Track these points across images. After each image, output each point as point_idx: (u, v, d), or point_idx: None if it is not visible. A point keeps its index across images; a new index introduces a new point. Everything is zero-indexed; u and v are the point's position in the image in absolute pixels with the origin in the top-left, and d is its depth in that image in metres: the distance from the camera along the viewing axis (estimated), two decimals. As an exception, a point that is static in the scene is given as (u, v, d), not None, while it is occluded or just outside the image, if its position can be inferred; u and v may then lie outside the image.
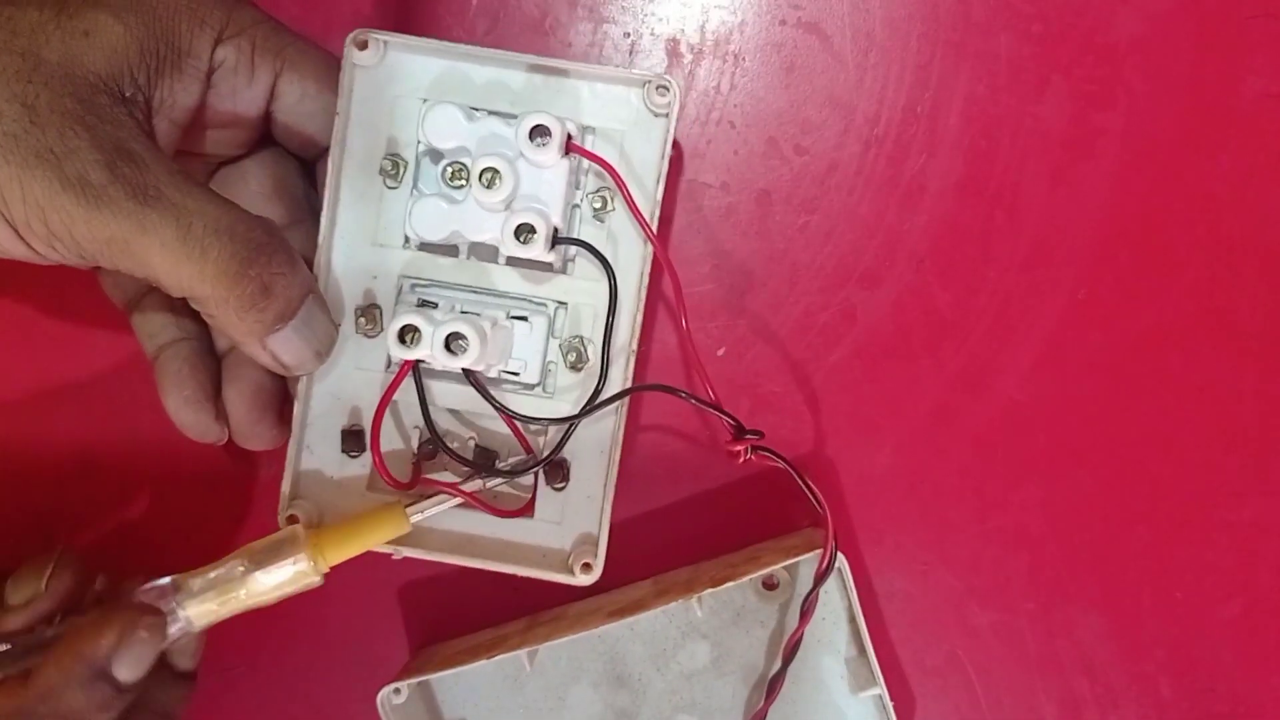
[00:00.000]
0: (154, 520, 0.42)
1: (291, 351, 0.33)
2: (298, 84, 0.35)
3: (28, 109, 0.29)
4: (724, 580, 0.37)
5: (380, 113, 0.36)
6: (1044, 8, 0.42)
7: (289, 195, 0.37)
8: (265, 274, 0.31)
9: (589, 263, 0.36)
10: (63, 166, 0.29)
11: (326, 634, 0.43)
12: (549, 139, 0.33)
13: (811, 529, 0.42)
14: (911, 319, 0.42)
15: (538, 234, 0.34)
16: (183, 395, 0.35)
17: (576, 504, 0.37)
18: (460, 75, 0.36)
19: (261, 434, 0.36)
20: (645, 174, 0.36)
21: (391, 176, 0.36)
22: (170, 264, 0.30)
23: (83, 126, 0.29)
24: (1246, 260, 0.42)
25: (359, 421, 0.36)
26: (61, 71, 0.29)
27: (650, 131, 0.36)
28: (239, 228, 0.31)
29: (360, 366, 0.36)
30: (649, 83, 0.35)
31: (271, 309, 0.32)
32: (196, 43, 0.32)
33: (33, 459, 0.42)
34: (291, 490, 0.36)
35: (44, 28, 0.30)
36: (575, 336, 0.36)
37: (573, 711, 0.41)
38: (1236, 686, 0.43)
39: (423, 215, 0.35)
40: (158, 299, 0.36)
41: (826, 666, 0.41)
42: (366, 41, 0.35)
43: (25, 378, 0.42)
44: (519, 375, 0.36)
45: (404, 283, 0.36)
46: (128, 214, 0.29)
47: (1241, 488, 0.42)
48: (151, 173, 0.30)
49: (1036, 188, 0.42)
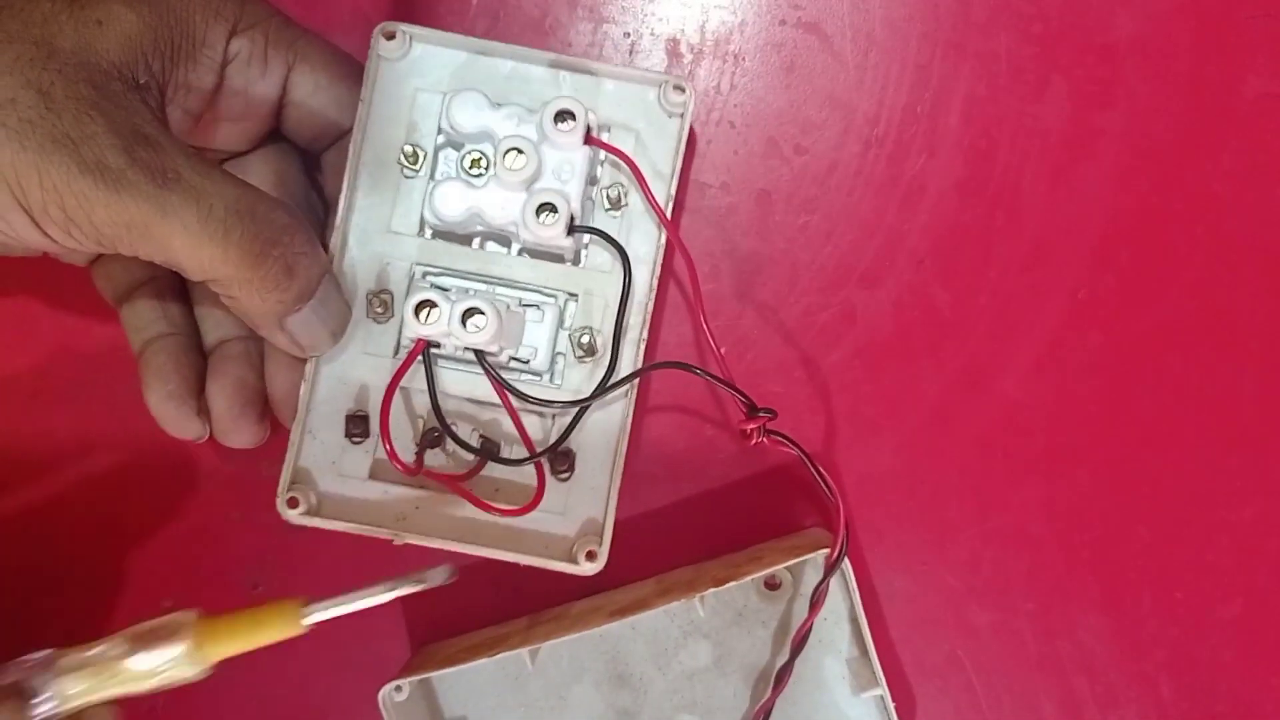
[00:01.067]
0: (153, 520, 0.42)
1: (308, 332, 0.34)
2: (310, 76, 0.35)
3: (43, 95, 0.29)
4: (727, 580, 0.37)
5: (401, 104, 0.36)
6: (1044, 8, 0.42)
7: (290, 191, 0.38)
8: (288, 254, 0.32)
9: (600, 256, 0.37)
10: (80, 151, 0.29)
11: (326, 633, 0.43)
12: (573, 123, 0.35)
13: (815, 529, 0.42)
14: (911, 319, 0.42)
15: (559, 214, 0.34)
16: (165, 390, 0.35)
17: (581, 494, 0.37)
18: (482, 70, 0.37)
19: (242, 431, 0.36)
20: (661, 167, 0.37)
21: (410, 165, 0.36)
22: (192, 246, 0.30)
23: (98, 112, 0.29)
24: (1246, 260, 0.42)
25: (364, 406, 0.37)
26: (76, 59, 0.29)
27: (665, 129, 0.37)
28: (260, 208, 0.31)
29: (368, 351, 0.37)
30: (665, 82, 0.36)
31: (294, 289, 0.32)
32: (211, 34, 0.33)
33: (33, 459, 0.42)
34: (293, 475, 0.36)
35: (57, 17, 0.30)
36: (585, 328, 0.37)
37: (574, 711, 0.41)
38: (1236, 686, 0.43)
39: (444, 196, 0.35)
40: (147, 293, 0.36)
41: (828, 667, 0.41)
42: (394, 33, 0.36)
43: (25, 378, 0.42)
44: (529, 363, 0.37)
45: (417, 270, 0.37)
46: (148, 197, 0.29)
47: (1241, 488, 0.42)
48: (169, 156, 0.30)
49: (1036, 188, 0.42)
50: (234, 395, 0.36)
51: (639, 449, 0.42)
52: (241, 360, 0.36)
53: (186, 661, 0.31)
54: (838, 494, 0.37)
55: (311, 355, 0.35)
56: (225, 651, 0.31)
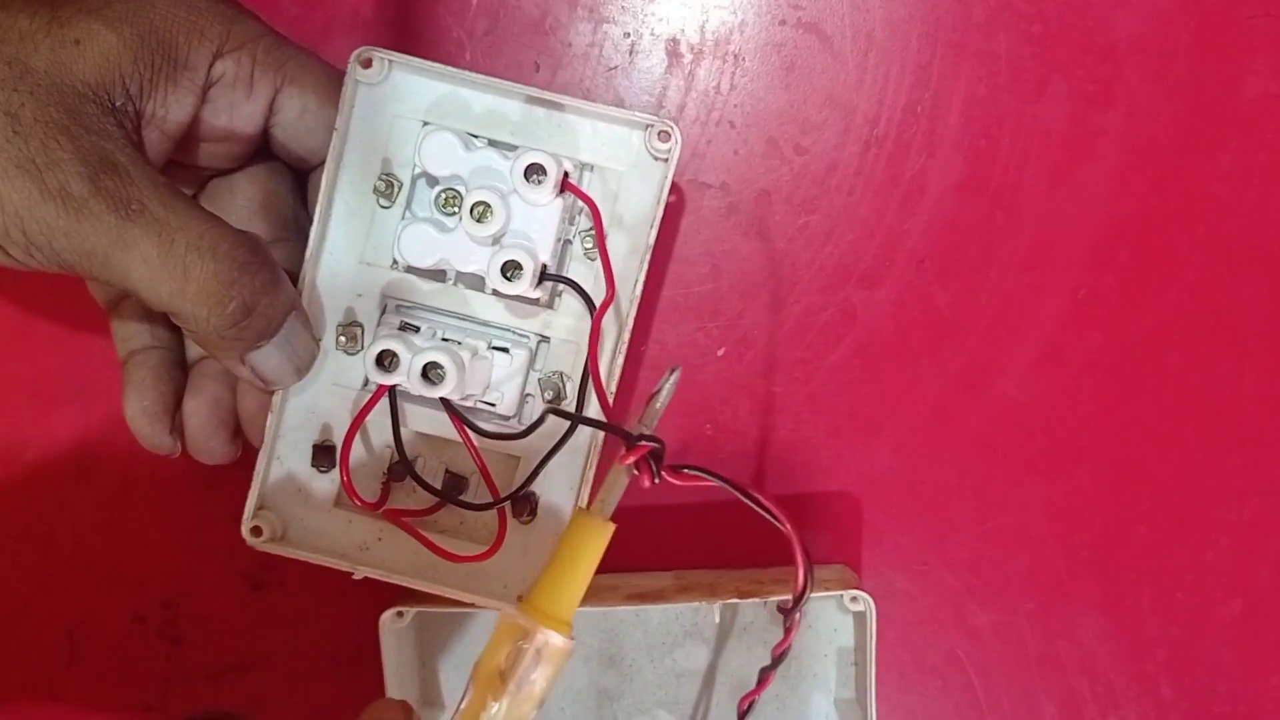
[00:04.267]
0: (154, 520, 0.42)
1: (271, 367, 0.33)
2: (298, 99, 0.34)
3: (11, 118, 0.28)
4: (750, 594, 0.37)
5: (379, 131, 0.35)
6: (1044, 8, 0.42)
7: (276, 212, 0.37)
8: (247, 294, 0.31)
9: (575, 299, 0.36)
10: (44, 177, 0.28)
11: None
12: (544, 178, 0.33)
13: (843, 566, 0.42)
14: (911, 319, 0.42)
15: (524, 271, 0.33)
16: (142, 405, 0.35)
17: (543, 537, 0.36)
18: (462, 100, 0.35)
19: (214, 449, 0.36)
20: (640, 219, 0.35)
21: (385, 196, 0.35)
22: (151, 280, 0.30)
23: (67, 137, 0.29)
24: (1246, 260, 0.42)
25: (331, 437, 0.36)
26: (49, 80, 0.29)
27: (649, 174, 0.35)
28: (223, 246, 0.30)
29: (337, 383, 0.36)
30: (651, 126, 0.35)
31: (252, 328, 0.32)
32: (194, 56, 0.32)
33: (33, 459, 0.42)
34: (258, 500, 0.35)
35: (33, 36, 0.29)
36: (555, 372, 0.36)
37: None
38: (1236, 686, 0.43)
39: (412, 240, 0.34)
40: (135, 305, 0.36)
41: (815, 704, 0.41)
42: (371, 59, 0.34)
43: (25, 378, 0.42)
44: (495, 406, 0.36)
45: (388, 303, 0.36)
46: (108, 228, 0.29)
47: (1241, 488, 0.42)
48: (136, 186, 0.29)
49: (1036, 188, 0.42)
50: (209, 415, 0.36)
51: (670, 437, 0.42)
52: (219, 379, 0.36)
53: (558, 640, 0.28)
54: (790, 527, 0.32)
55: (275, 389, 0.35)
56: (571, 600, 0.29)
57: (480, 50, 0.41)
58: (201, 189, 0.37)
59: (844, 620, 0.41)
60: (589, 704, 0.42)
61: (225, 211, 0.34)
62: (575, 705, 0.42)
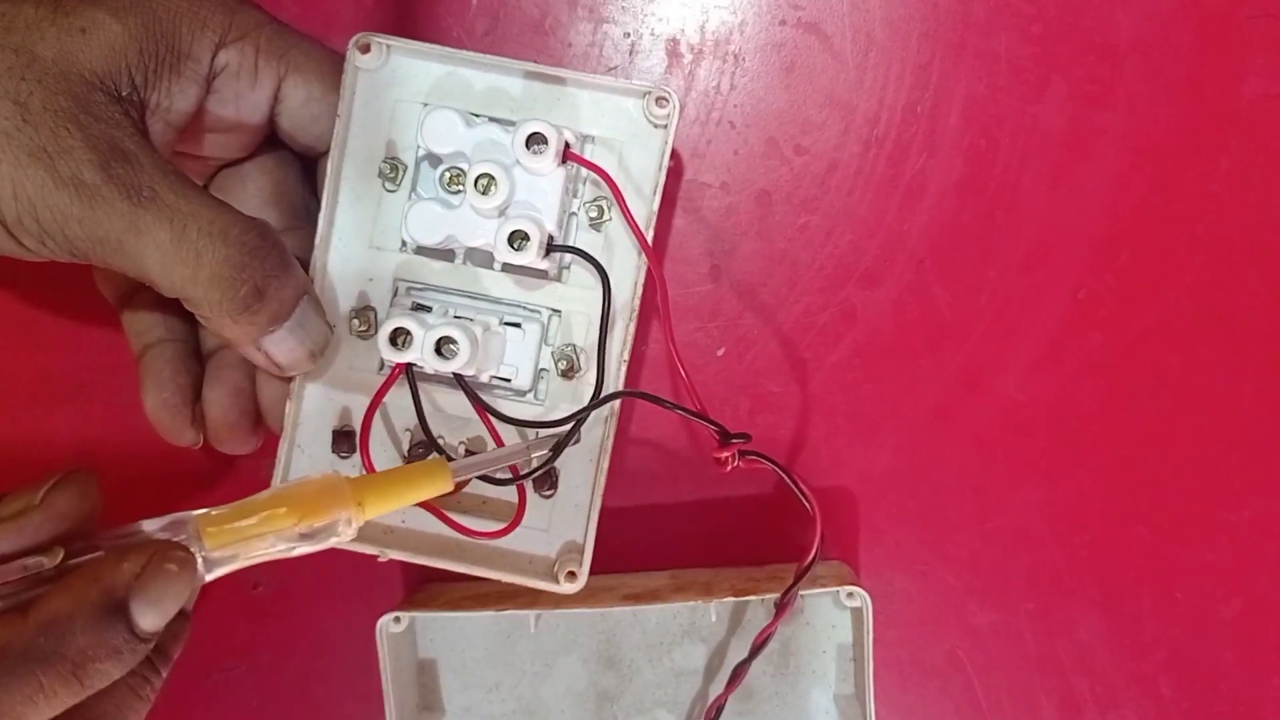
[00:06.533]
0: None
1: (285, 352, 0.33)
2: (303, 87, 0.35)
3: (20, 106, 0.28)
4: (746, 593, 0.37)
5: (381, 116, 0.36)
6: (1044, 8, 0.42)
7: (286, 200, 0.37)
8: (259, 277, 0.31)
9: (584, 271, 0.36)
10: (56, 165, 0.28)
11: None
12: (545, 147, 0.34)
13: (839, 563, 0.42)
14: (911, 319, 0.42)
15: (531, 241, 0.34)
16: (161, 397, 0.35)
17: (564, 511, 0.36)
18: (462, 80, 0.36)
19: (235, 438, 0.36)
20: (643, 184, 0.36)
21: (390, 179, 0.36)
22: (164, 266, 0.30)
23: (76, 125, 0.29)
24: (1246, 260, 0.42)
25: (350, 422, 0.36)
26: (56, 69, 0.29)
27: (649, 142, 0.36)
28: (233, 230, 0.31)
29: (353, 367, 0.36)
30: (649, 93, 0.35)
31: (265, 312, 0.32)
32: (197, 46, 0.32)
33: (33, 459, 0.41)
34: None
35: (39, 25, 0.29)
36: (568, 344, 0.36)
37: (557, 680, 0.41)
38: (1236, 686, 0.43)
39: (419, 219, 0.35)
40: (148, 297, 0.36)
41: (814, 700, 0.41)
42: (369, 45, 0.35)
43: (25, 377, 0.41)
44: (510, 381, 0.36)
45: (399, 285, 0.36)
46: (121, 214, 0.29)
47: (1241, 488, 0.42)
48: (146, 173, 0.30)
49: (1036, 188, 0.42)
50: (229, 404, 0.36)
51: (659, 446, 0.42)
52: (239, 368, 0.36)
53: (347, 525, 0.29)
54: (816, 507, 0.36)
55: (291, 375, 0.35)
56: (383, 509, 0.30)
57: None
58: (211, 179, 0.37)
59: (841, 616, 0.41)
60: (588, 705, 0.42)
61: (236, 201, 0.34)
62: (575, 707, 0.42)
